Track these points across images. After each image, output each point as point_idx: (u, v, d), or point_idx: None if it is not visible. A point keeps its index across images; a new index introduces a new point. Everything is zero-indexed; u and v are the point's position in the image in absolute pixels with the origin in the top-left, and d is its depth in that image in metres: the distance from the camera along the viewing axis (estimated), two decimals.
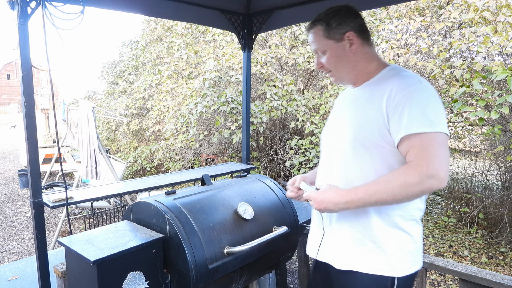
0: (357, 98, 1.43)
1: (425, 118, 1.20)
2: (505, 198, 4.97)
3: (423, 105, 1.21)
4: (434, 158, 1.17)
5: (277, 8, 2.62)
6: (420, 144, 1.19)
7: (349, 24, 1.38)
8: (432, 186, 1.17)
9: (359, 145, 1.33)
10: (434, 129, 1.19)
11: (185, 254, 1.54)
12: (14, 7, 1.67)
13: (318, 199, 1.32)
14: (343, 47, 1.39)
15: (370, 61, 1.42)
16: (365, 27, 1.42)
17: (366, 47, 1.41)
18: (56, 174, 9.09)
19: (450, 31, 5.49)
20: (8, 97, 39.97)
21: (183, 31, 7.78)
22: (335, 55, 1.41)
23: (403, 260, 1.34)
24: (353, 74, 1.44)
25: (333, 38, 1.40)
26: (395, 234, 1.33)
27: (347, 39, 1.38)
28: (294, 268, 4.12)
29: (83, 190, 2.81)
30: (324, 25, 1.40)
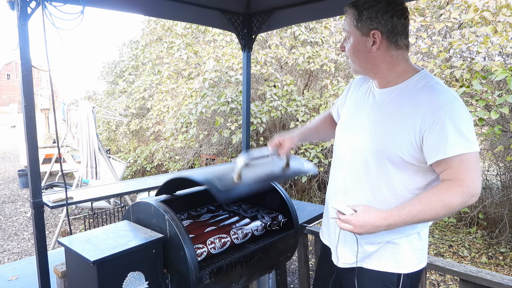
0: (383, 104, 1.36)
1: (463, 139, 1.18)
2: (505, 198, 4.97)
3: (461, 125, 1.19)
4: (474, 177, 1.18)
5: (277, 8, 2.62)
6: (460, 165, 1.19)
7: (381, 22, 1.28)
8: (471, 203, 1.21)
9: (384, 157, 1.30)
10: (472, 149, 1.18)
11: (185, 254, 1.54)
12: (14, 7, 1.67)
13: (359, 223, 1.22)
14: (365, 42, 1.32)
15: (395, 64, 1.34)
16: (400, 30, 1.30)
17: (393, 50, 1.31)
18: (56, 174, 9.09)
19: (450, 31, 5.49)
20: (8, 97, 39.97)
21: (183, 31, 7.78)
22: (356, 46, 1.35)
23: (410, 257, 1.35)
24: (372, 72, 1.38)
25: (360, 29, 1.32)
26: (404, 232, 1.34)
27: (372, 37, 1.30)
28: (294, 268, 4.12)
29: (83, 190, 2.82)
30: (356, 12, 1.32)
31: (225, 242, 1.80)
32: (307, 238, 2.77)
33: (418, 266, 1.39)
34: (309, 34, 5.89)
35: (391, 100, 1.33)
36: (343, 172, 1.45)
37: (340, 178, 1.47)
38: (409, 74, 1.33)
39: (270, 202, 2.27)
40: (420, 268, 1.40)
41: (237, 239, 1.87)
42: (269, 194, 2.28)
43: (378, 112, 1.36)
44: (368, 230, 1.23)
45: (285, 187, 6.15)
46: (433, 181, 1.30)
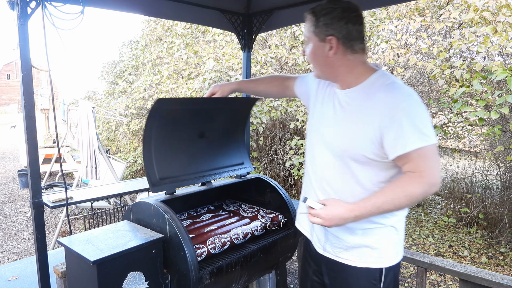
0: (345, 105, 1.42)
1: (420, 134, 1.24)
2: (505, 198, 4.97)
3: (416, 121, 1.25)
4: (432, 168, 1.25)
5: (277, 8, 2.62)
6: (418, 158, 1.25)
7: (336, 28, 1.34)
8: (432, 193, 1.28)
9: (348, 157, 1.38)
10: (429, 142, 1.24)
11: (185, 254, 1.54)
12: (14, 7, 1.67)
13: (327, 217, 1.30)
14: (323, 47, 1.37)
15: (353, 67, 1.39)
16: (355, 36, 1.35)
17: (350, 54, 1.37)
18: (56, 174, 9.09)
19: (450, 31, 5.50)
20: (8, 97, 39.96)
21: (183, 31, 7.78)
22: (315, 52, 1.41)
23: (388, 251, 1.42)
24: (332, 75, 1.44)
25: (318, 35, 1.38)
26: (382, 228, 1.41)
27: (329, 42, 1.35)
28: (294, 268, 4.12)
29: (83, 190, 2.82)
30: (314, 19, 1.38)
31: (225, 242, 1.80)
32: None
33: (397, 259, 1.45)
34: None
35: (352, 101, 1.40)
36: (314, 168, 1.54)
37: (311, 174, 1.56)
38: (367, 74, 1.39)
39: (270, 202, 2.27)
40: (399, 260, 1.46)
41: (237, 239, 1.87)
42: (269, 194, 2.28)
43: (341, 113, 1.43)
44: (337, 222, 1.30)
45: (285, 187, 6.16)
46: (396, 174, 1.36)
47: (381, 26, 5.70)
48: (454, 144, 6.98)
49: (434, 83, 5.63)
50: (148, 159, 1.83)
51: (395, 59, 5.28)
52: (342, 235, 1.44)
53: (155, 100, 1.70)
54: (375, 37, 5.72)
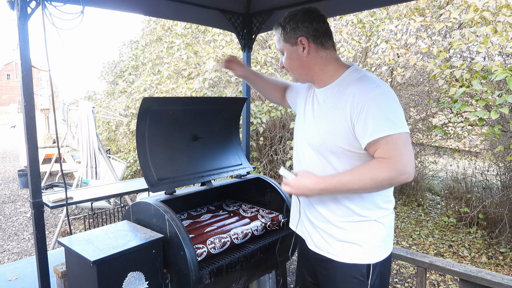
0: (321, 103, 1.50)
1: (388, 122, 1.28)
2: (505, 198, 4.98)
3: (384, 109, 1.30)
4: (401, 155, 1.27)
5: (277, 8, 2.62)
6: (386, 145, 1.29)
7: (303, 29, 1.43)
8: (401, 181, 1.29)
9: (326, 150, 1.43)
10: (397, 130, 1.27)
11: (185, 254, 1.54)
12: (14, 7, 1.67)
13: (295, 185, 1.43)
14: (296, 50, 1.46)
15: (327, 64, 1.47)
16: (322, 32, 1.44)
17: (322, 51, 1.45)
18: (56, 174, 9.09)
19: (450, 31, 5.50)
20: (8, 97, 39.97)
21: (183, 31, 7.78)
22: (290, 57, 1.50)
23: (376, 247, 1.44)
24: (309, 76, 1.52)
25: (289, 42, 1.47)
26: (367, 224, 1.44)
27: (300, 44, 1.44)
28: (294, 268, 4.12)
29: (83, 190, 2.81)
30: (281, 29, 1.49)
31: (225, 242, 1.80)
32: None
33: (385, 254, 1.47)
34: None
35: (328, 97, 1.47)
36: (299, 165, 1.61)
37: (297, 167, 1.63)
38: (341, 71, 1.47)
39: (270, 202, 2.27)
40: (387, 255, 1.48)
41: (237, 239, 1.87)
42: (269, 194, 2.28)
43: (318, 110, 1.51)
44: (304, 192, 1.43)
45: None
46: None
47: (381, 26, 5.70)
48: (454, 144, 6.99)
49: (434, 83, 5.63)
50: (143, 160, 1.84)
51: (395, 59, 5.28)
52: (330, 229, 1.47)
53: (142, 100, 1.72)
54: (375, 37, 5.72)
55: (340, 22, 6.46)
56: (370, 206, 1.43)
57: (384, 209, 1.46)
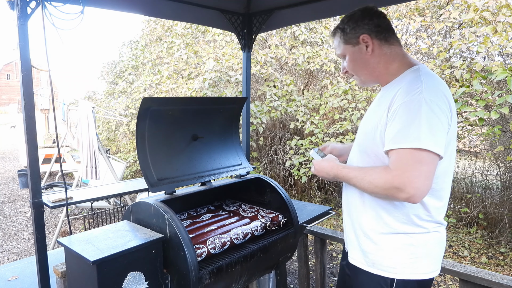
0: (374, 101, 1.47)
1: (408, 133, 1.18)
2: (505, 198, 4.97)
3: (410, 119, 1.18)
4: (405, 172, 1.17)
5: (277, 8, 2.62)
6: (395, 157, 1.21)
7: (364, 26, 1.38)
8: (396, 197, 1.20)
9: (362, 151, 1.42)
10: (413, 145, 1.16)
11: (185, 254, 1.54)
12: (14, 7, 1.67)
13: (317, 167, 1.51)
14: (360, 50, 1.40)
15: (391, 61, 1.39)
16: (384, 27, 1.38)
17: (386, 47, 1.38)
18: (56, 174, 9.09)
19: (450, 31, 5.49)
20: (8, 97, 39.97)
21: (183, 31, 7.78)
22: (353, 59, 1.43)
23: (401, 264, 1.34)
24: (374, 76, 1.44)
25: (350, 42, 1.41)
26: (392, 237, 1.35)
27: (363, 42, 1.38)
28: (294, 268, 4.12)
29: (82, 190, 2.81)
30: (340, 31, 1.44)
31: (225, 242, 1.80)
32: (307, 238, 2.77)
33: (416, 275, 1.35)
34: (309, 34, 5.89)
35: (381, 97, 1.41)
36: None
37: None
38: (402, 70, 1.38)
39: (270, 202, 2.27)
40: (420, 278, 1.35)
41: (237, 239, 1.87)
42: (269, 194, 2.28)
43: (369, 110, 1.49)
44: (321, 174, 1.49)
45: (285, 187, 6.16)
46: None
47: None
48: None
49: None
50: (143, 160, 1.84)
51: None
52: (362, 239, 1.43)
53: (142, 100, 1.71)
54: None
55: None
56: (402, 219, 1.33)
57: (419, 226, 1.33)
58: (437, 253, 1.38)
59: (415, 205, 1.31)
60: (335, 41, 1.48)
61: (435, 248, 1.38)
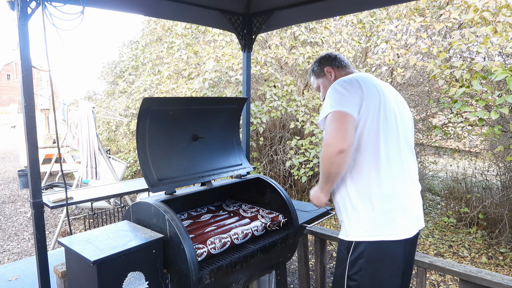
0: None
1: (323, 108, 1.60)
2: (505, 198, 4.98)
3: (327, 99, 1.60)
4: (328, 131, 1.53)
5: (277, 8, 2.62)
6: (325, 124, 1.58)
7: (325, 63, 1.92)
8: (330, 153, 1.50)
9: None
10: (325, 113, 1.57)
11: (185, 254, 1.54)
12: (14, 8, 1.67)
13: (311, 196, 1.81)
14: (327, 79, 1.92)
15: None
16: (338, 60, 1.91)
17: (342, 70, 1.90)
18: (56, 175, 9.09)
19: (450, 31, 5.50)
20: (8, 97, 39.99)
21: (183, 32, 7.78)
22: (325, 86, 1.92)
23: (354, 228, 1.62)
24: None
25: (320, 76, 1.94)
26: (348, 207, 1.65)
27: (327, 72, 1.91)
28: (294, 268, 4.11)
29: (83, 191, 2.81)
30: (311, 72, 1.99)
31: (225, 242, 1.80)
32: (307, 238, 2.77)
33: (373, 237, 1.56)
34: (309, 34, 5.89)
35: None
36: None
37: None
38: None
39: (270, 202, 2.27)
40: (377, 239, 1.56)
41: (237, 239, 1.87)
42: (269, 194, 2.28)
43: None
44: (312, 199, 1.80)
45: (285, 187, 6.16)
46: None
47: (381, 26, 5.70)
48: (454, 144, 6.99)
49: (434, 83, 5.62)
50: (144, 160, 1.84)
51: (395, 59, 5.28)
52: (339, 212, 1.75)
53: (142, 100, 1.72)
54: (375, 37, 5.72)
55: (340, 22, 6.46)
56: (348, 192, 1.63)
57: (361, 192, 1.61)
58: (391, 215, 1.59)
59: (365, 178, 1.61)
60: (311, 80, 2.01)
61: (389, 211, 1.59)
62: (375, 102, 1.60)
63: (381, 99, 1.62)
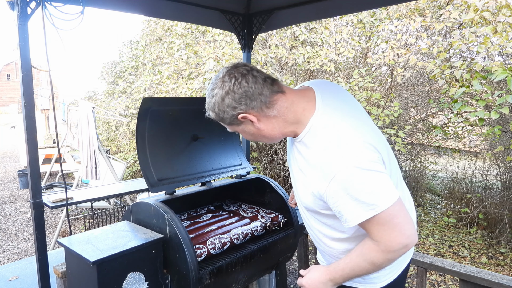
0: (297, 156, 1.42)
1: (363, 205, 1.13)
2: (505, 198, 4.98)
3: (355, 192, 1.12)
4: (388, 235, 1.15)
5: (277, 8, 2.62)
6: (371, 227, 1.17)
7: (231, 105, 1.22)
8: (398, 254, 1.18)
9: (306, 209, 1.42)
10: (376, 211, 1.12)
11: (185, 254, 1.54)
12: (14, 8, 1.67)
13: (307, 283, 1.34)
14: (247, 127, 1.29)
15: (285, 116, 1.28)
16: (253, 91, 1.19)
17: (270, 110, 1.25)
18: (56, 175, 9.09)
19: (450, 31, 5.50)
20: (8, 97, 40.00)
21: (183, 32, 7.78)
22: (248, 133, 1.35)
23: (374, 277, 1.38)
24: (279, 136, 1.36)
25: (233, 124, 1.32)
26: None
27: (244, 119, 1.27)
28: (294, 268, 4.12)
29: (83, 191, 2.82)
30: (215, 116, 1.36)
31: (225, 243, 1.80)
32: (307, 238, 2.77)
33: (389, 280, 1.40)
34: (309, 34, 5.89)
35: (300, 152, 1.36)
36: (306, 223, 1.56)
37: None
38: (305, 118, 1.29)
39: (270, 202, 2.27)
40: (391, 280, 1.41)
41: (237, 239, 1.87)
42: (269, 194, 2.28)
43: (295, 164, 1.42)
44: (317, 286, 1.32)
45: (285, 187, 6.16)
46: None
47: (381, 26, 5.70)
48: (454, 144, 6.99)
49: (434, 83, 5.62)
50: (143, 160, 1.84)
51: (395, 59, 5.28)
52: None
53: (142, 100, 1.72)
54: (375, 37, 5.72)
55: (340, 22, 6.46)
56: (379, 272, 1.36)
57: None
58: None
59: None
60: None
61: None
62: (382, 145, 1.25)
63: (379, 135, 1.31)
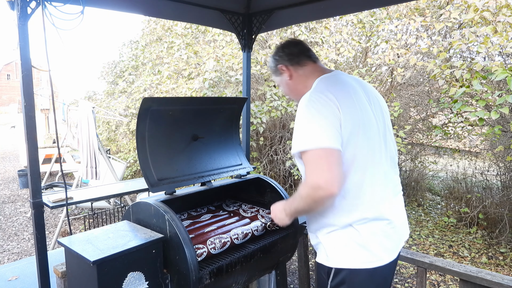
0: None
1: (297, 139, 1.35)
2: (505, 198, 4.97)
3: (298, 125, 1.36)
4: (312, 171, 1.31)
5: (277, 8, 2.62)
6: (301, 160, 1.38)
7: (278, 58, 1.64)
8: (320, 196, 1.30)
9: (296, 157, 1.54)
10: (305, 147, 1.32)
11: (185, 254, 1.54)
12: (14, 7, 1.67)
13: (272, 210, 1.67)
14: (282, 77, 1.65)
15: (306, 79, 1.58)
16: (296, 53, 1.60)
17: (300, 69, 1.60)
18: (56, 174, 9.09)
19: (450, 31, 5.50)
20: (8, 97, 40.00)
21: (183, 31, 7.78)
22: (282, 85, 1.69)
23: (337, 254, 1.46)
24: (300, 95, 1.54)
25: (275, 73, 1.68)
26: (337, 230, 1.46)
27: (282, 71, 1.63)
28: (294, 268, 4.11)
29: (83, 191, 2.82)
30: (269, 68, 1.73)
31: (225, 242, 1.80)
32: (307, 238, 2.76)
33: (355, 265, 1.43)
34: (309, 34, 5.89)
35: None
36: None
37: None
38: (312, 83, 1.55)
39: (270, 202, 2.27)
40: (359, 267, 1.42)
41: (237, 239, 1.87)
42: (269, 194, 2.28)
43: None
44: (275, 214, 1.63)
45: (285, 187, 6.16)
46: None
47: (381, 26, 5.70)
48: (454, 144, 6.99)
49: (434, 83, 5.62)
50: (143, 160, 1.84)
51: (395, 59, 5.28)
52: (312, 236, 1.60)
53: (142, 100, 1.72)
54: (375, 37, 5.72)
55: (340, 22, 6.46)
56: (339, 214, 1.44)
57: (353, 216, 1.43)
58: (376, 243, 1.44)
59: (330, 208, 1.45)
60: (271, 73, 1.74)
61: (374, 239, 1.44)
62: (355, 118, 1.39)
63: (359, 111, 1.42)
